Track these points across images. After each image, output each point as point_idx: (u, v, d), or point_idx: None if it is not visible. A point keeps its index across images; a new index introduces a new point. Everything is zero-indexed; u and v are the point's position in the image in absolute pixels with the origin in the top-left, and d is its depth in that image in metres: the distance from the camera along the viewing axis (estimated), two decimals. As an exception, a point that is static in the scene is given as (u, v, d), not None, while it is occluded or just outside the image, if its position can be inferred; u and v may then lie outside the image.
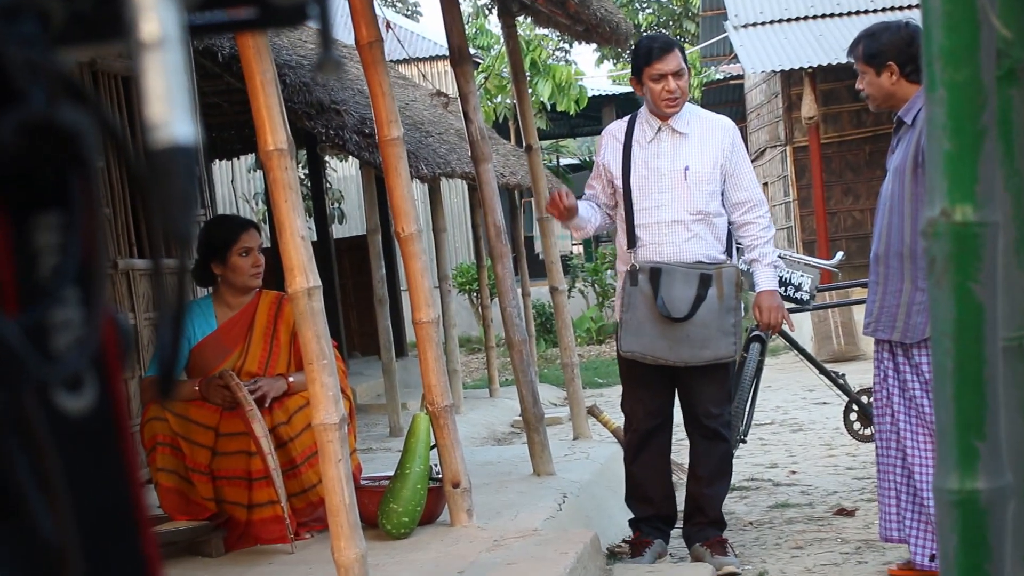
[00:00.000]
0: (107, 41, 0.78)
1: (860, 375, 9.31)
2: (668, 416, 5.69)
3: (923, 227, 1.68)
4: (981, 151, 1.66)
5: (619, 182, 5.52)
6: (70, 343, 0.72)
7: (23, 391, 0.69)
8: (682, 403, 5.67)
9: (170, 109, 0.69)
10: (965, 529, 1.69)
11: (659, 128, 5.50)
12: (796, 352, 7.79)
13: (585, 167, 26.68)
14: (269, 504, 5.15)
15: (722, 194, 5.52)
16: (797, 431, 9.51)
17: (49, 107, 0.73)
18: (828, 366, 7.62)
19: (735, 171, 5.53)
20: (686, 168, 5.44)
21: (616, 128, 5.68)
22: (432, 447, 5.19)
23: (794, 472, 7.78)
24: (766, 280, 5.54)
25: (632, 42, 7.54)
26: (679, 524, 5.83)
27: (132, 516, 0.81)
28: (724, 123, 5.65)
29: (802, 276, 6.77)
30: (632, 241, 5.47)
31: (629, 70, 5.82)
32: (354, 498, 4.06)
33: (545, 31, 22.53)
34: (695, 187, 5.44)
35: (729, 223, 5.55)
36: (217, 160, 14.01)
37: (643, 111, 5.60)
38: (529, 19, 7.93)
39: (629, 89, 18.50)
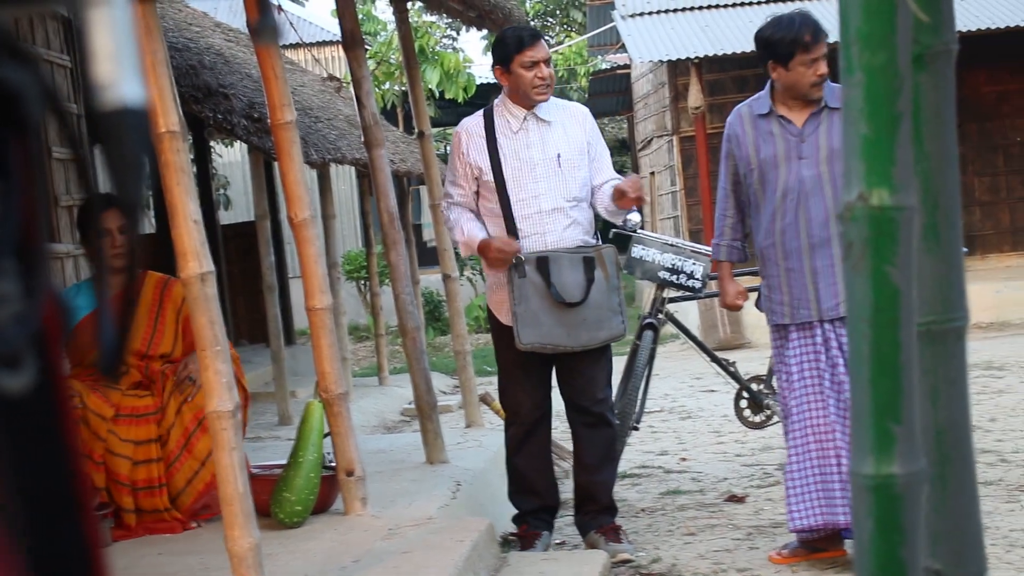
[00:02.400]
0: None
1: (747, 363, 9.41)
2: (549, 406, 5.70)
3: (840, 211, 1.68)
4: (897, 135, 1.66)
5: (488, 176, 5.47)
6: (7, 318, 0.67)
7: None
8: (566, 392, 5.65)
9: (118, 68, 0.64)
10: (880, 514, 1.69)
11: (525, 117, 5.51)
12: (685, 339, 7.83)
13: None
14: (154, 512, 5.15)
15: None
16: (686, 419, 9.58)
17: None
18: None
19: (597, 155, 5.62)
20: (558, 155, 5.48)
21: (473, 124, 5.61)
22: (325, 435, 5.14)
23: (684, 459, 7.84)
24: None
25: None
26: (571, 513, 5.83)
27: (73, 499, 0.76)
28: (581, 109, 5.74)
29: (694, 264, 6.80)
30: (513, 234, 5.44)
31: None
32: (248, 487, 4.00)
33: (433, 18, 22.46)
34: (568, 174, 5.48)
35: (591, 204, 5.59)
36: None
37: (501, 103, 5.58)
38: (420, 5, 7.87)
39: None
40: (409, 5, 7.66)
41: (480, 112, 5.66)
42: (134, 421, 5.22)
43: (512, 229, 5.43)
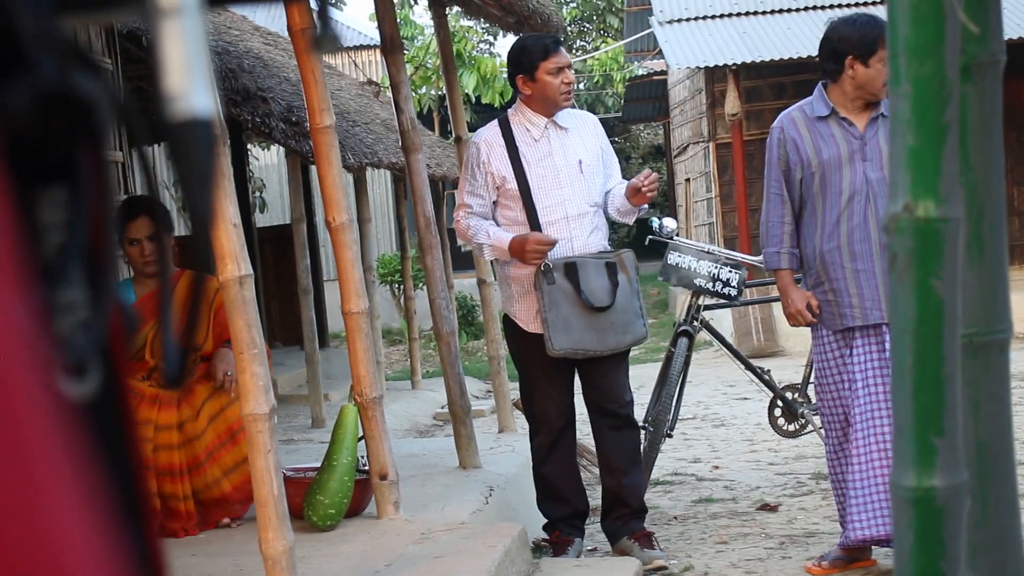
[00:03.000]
0: (123, 7, 0.73)
1: (781, 371, 9.37)
2: (574, 413, 5.70)
3: (885, 222, 1.67)
4: (944, 146, 1.65)
5: (512, 184, 5.46)
6: (74, 326, 0.67)
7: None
8: (592, 397, 5.64)
9: (189, 79, 0.65)
10: (921, 527, 1.68)
11: (545, 125, 5.53)
12: (719, 347, 7.81)
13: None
14: (172, 498, 5.16)
15: None
16: (719, 426, 9.55)
17: (61, 76, 0.68)
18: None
19: (609, 162, 5.70)
20: (580, 161, 5.51)
21: (491, 134, 5.58)
22: (359, 439, 5.14)
23: (717, 467, 7.82)
24: None
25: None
26: (599, 519, 5.82)
27: (137, 507, 0.76)
28: (591, 117, 5.82)
29: (731, 272, 6.78)
30: None
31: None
32: (283, 489, 4.00)
33: (470, 23, 22.49)
34: (590, 179, 5.53)
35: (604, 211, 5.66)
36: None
37: (518, 111, 5.58)
38: (457, 10, 7.88)
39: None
40: (447, 10, 7.66)
41: (494, 122, 5.64)
42: (155, 405, 5.22)
43: None
